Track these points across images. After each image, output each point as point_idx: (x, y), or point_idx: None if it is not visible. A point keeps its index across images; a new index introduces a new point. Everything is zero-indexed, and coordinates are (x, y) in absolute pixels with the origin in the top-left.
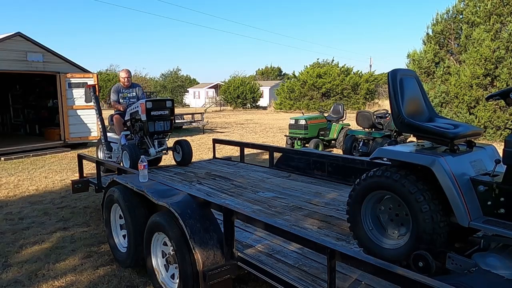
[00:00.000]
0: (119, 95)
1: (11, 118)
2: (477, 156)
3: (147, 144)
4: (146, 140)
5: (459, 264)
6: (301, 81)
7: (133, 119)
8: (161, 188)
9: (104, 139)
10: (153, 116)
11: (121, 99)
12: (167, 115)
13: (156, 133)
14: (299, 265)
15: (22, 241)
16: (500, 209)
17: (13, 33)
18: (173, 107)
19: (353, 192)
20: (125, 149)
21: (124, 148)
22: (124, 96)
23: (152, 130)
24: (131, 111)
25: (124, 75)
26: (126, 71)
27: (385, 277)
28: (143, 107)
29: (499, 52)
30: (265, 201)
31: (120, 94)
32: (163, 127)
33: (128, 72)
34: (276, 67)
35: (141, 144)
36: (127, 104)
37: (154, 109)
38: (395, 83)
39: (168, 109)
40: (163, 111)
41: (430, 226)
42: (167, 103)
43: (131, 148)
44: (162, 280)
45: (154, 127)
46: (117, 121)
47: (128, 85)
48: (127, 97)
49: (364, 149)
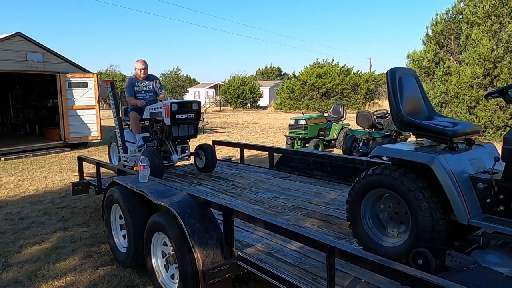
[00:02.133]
0: (134, 88)
1: (11, 118)
2: (476, 154)
3: (169, 149)
4: (168, 145)
5: (459, 261)
6: (301, 81)
7: (153, 119)
8: (161, 188)
9: (121, 141)
10: (178, 120)
11: (136, 93)
12: (193, 119)
13: (180, 138)
14: (298, 264)
15: (22, 241)
16: (499, 207)
17: (13, 33)
18: (199, 110)
19: (352, 191)
20: (144, 154)
21: (143, 153)
22: (140, 90)
23: (176, 135)
24: (152, 111)
25: (140, 66)
26: (142, 61)
27: (384, 274)
28: (168, 110)
29: (497, 52)
30: (265, 201)
31: (136, 87)
32: (187, 132)
33: (144, 63)
34: (276, 67)
35: (162, 148)
36: (143, 98)
37: (179, 112)
38: (394, 81)
39: (193, 112)
40: (189, 114)
41: (430, 224)
42: (193, 106)
43: (151, 154)
44: (162, 280)
45: (178, 131)
46: (134, 119)
47: (144, 78)
48: (143, 91)
49: (364, 149)
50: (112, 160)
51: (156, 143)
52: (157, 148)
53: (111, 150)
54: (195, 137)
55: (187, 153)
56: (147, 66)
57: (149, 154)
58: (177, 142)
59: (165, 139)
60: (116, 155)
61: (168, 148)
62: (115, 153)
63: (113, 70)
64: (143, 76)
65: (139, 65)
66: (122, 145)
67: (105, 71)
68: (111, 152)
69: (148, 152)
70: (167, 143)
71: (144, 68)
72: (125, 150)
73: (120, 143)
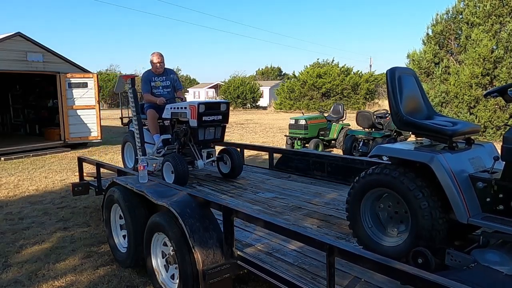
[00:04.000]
0: (151, 84)
1: (11, 118)
2: (475, 153)
3: (193, 154)
4: (192, 149)
5: (458, 260)
6: (301, 81)
7: (174, 120)
8: (161, 188)
9: (140, 142)
10: (205, 122)
11: (153, 89)
12: (220, 121)
13: (205, 142)
14: (298, 263)
15: (22, 241)
16: (499, 206)
17: (13, 33)
18: (227, 111)
19: (352, 190)
20: (167, 160)
21: (166, 158)
22: (157, 85)
23: (202, 139)
24: (175, 110)
25: (156, 59)
26: (158, 54)
27: (384, 272)
28: (194, 111)
29: (497, 52)
30: (265, 201)
31: (152, 83)
32: (213, 135)
33: (161, 56)
34: (276, 67)
35: (185, 152)
36: (161, 94)
37: (206, 113)
38: (393, 81)
39: (221, 114)
40: (216, 116)
41: (429, 223)
42: (222, 107)
43: (175, 160)
44: (162, 281)
45: (204, 135)
46: (152, 118)
47: (161, 72)
48: (161, 86)
49: (364, 149)
50: (127, 162)
51: (177, 146)
52: (178, 151)
53: (125, 151)
54: (222, 141)
55: (213, 158)
56: (163, 59)
57: (172, 160)
58: (202, 145)
59: (189, 142)
60: (131, 157)
61: (192, 152)
62: (130, 155)
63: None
64: (160, 70)
65: (155, 58)
66: (141, 147)
67: (105, 71)
68: (125, 154)
69: (172, 157)
70: (191, 146)
71: (160, 61)
72: (144, 153)
73: (138, 144)
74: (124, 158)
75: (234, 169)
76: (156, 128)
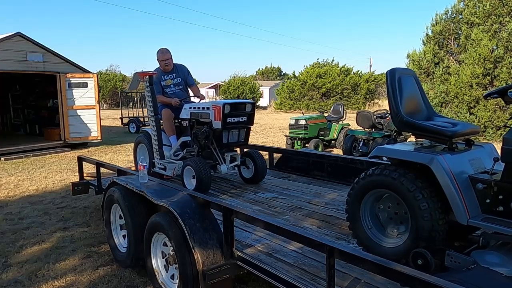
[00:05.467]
0: (161, 84)
1: (11, 118)
2: (475, 155)
3: (216, 158)
4: (215, 152)
5: (458, 261)
6: (301, 81)
7: (193, 120)
8: (161, 188)
9: (157, 145)
10: (229, 124)
11: (164, 88)
12: (245, 123)
13: (229, 145)
14: (298, 264)
15: (22, 241)
16: (499, 207)
17: (13, 33)
18: (253, 112)
19: (352, 191)
20: (188, 164)
21: (187, 162)
22: (168, 84)
23: (226, 142)
24: (195, 111)
25: (162, 57)
26: (164, 51)
27: (383, 274)
28: (219, 112)
29: (497, 51)
30: (265, 201)
31: (162, 82)
32: (237, 138)
33: (167, 52)
34: (276, 67)
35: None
36: (173, 92)
37: (231, 114)
38: (393, 82)
39: (246, 115)
40: (241, 118)
41: (429, 224)
42: (247, 107)
43: (198, 164)
44: (162, 281)
45: (228, 137)
46: (167, 118)
47: (170, 69)
48: (172, 84)
49: (364, 149)
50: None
51: (197, 149)
52: (198, 154)
53: (137, 152)
54: (246, 144)
55: (237, 163)
56: (171, 55)
57: (194, 164)
58: (225, 149)
59: (210, 145)
60: (145, 159)
61: (214, 156)
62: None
63: (113, 70)
64: (168, 68)
65: (162, 56)
66: (159, 150)
67: (105, 71)
68: (138, 155)
69: (194, 161)
70: (213, 150)
71: (167, 58)
72: (162, 156)
73: (156, 147)
74: (137, 160)
75: (257, 173)
76: (172, 129)
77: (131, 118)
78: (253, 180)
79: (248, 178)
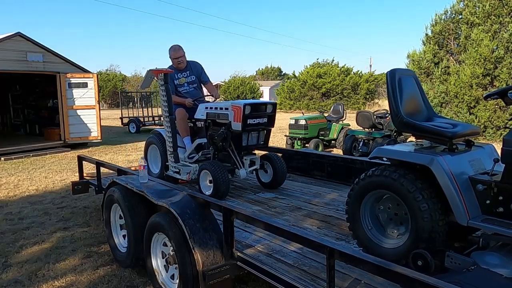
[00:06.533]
0: (174, 82)
1: (11, 118)
2: (475, 155)
3: (233, 161)
4: (233, 155)
5: (458, 262)
6: (301, 81)
7: (209, 121)
8: (161, 188)
9: (172, 147)
10: (249, 125)
11: (178, 87)
12: (265, 124)
13: (248, 148)
14: (298, 265)
15: (22, 241)
16: (499, 208)
17: (13, 33)
18: (274, 113)
19: (352, 192)
20: (205, 167)
21: (204, 166)
22: (181, 83)
23: (245, 144)
24: (212, 111)
25: (176, 54)
26: (176, 48)
27: (383, 275)
28: (239, 113)
29: (498, 52)
30: (265, 201)
31: (176, 80)
32: (257, 140)
33: (179, 49)
34: (276, 67)
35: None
36: (187, 92)
37: (251, 115)
38: (393, 82)
39: (267, 116)
40: (261, 119)
41: (429, 225)
42: (268, 108)
43: (215, 168)
44: (162, 281)
45: (247, 140)
46: (181, 118)
47: (183, 67)
48: (185, 83)
49: (364, 149)
50: (151, 168)
51: (213, 151)
52: (213, 157)
53: (148, 153)
54: (266, 147)
55: (256, 167)
56: (183, 52)
57: (211, 168)
58: (243, 152)
59: (228, 147)
60: (157, 161)
61: (232, 159)
62: (155, 160)
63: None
64: (182, 66)
65: (174, 53)
66: (173, 152)
67: (105, 71)
68: (149, 157)
69: (211, 165)
70: (230, 153)
71: (180, 56)
72: (177, 159)
73: (170, 150)
74: (148, 162)
75: (276, 178)
76: (186, 130)
77: (131, 118)
78: (271, 185)
79: (267, 183)
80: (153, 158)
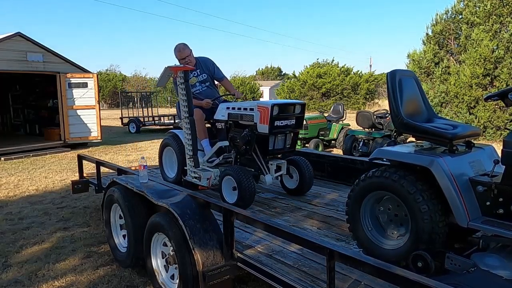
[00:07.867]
0: None
1: (11, 118)
2: (476, 157)
3: (258, 166)
4: (258, 160)
5: (458, 264)
6: (301, 81)
7: (231, 122)
8: (161, 188)
9: (192, 150)
10: (276, 128)
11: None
12: (293, 126)
13: (274, 152)
14: (298, 266)
15: (22, 241)
16: (499, 209)
17: (13, 33)
18: (302, 115)
19: (352, 193)
20: (229, 173)
21: (227, 171)
22: (193, 83)
23: (271, 148)
24: (234, 111)
25: (182, 54)
26: (182, 47)
27: (384, 277)
28: (266, 114)
29: (498, 52)
30: (265, 202)
31: None
32: (284, 144)
33: (185, 47)
34: (276, 67)
35: (244, 163)
36: (200, 92)
37: (279, 117)
38: (394, 83)
39: (295, 118)
40: (289, 121)
41: (429, 226)
42: (296, 109)
43: (239, 174)
44: (162, 281)
45: (274, 143)
46: (199, 119)
47: (193, 65)
48: (197, 82)
49: (364, 149)
50: (166, 172)
51: (234, 155)
52: (235, 161)
53: (163, 156)
54: (293, 151)
55: (282, 172)
56: (190, 51)
57: (235, 173)
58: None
59: (252, 151)
60: (172, 165)
61: (256, 164)
62: (170, 163)
63: (113, 70)
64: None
65: (180, 54)
66: (193, 156)
67: (105, 71)
68: (164, 160)
69: (235, 170)
70: (255, 157)
71: (187, 55)
72: (197, 164)
73: (190, 153)
74: (163, 166)
75: (303, 184)
76: (205, 132)
77: (131, 118)
78: (298, 191)
79: (292, 189)
80: (168, 161)
